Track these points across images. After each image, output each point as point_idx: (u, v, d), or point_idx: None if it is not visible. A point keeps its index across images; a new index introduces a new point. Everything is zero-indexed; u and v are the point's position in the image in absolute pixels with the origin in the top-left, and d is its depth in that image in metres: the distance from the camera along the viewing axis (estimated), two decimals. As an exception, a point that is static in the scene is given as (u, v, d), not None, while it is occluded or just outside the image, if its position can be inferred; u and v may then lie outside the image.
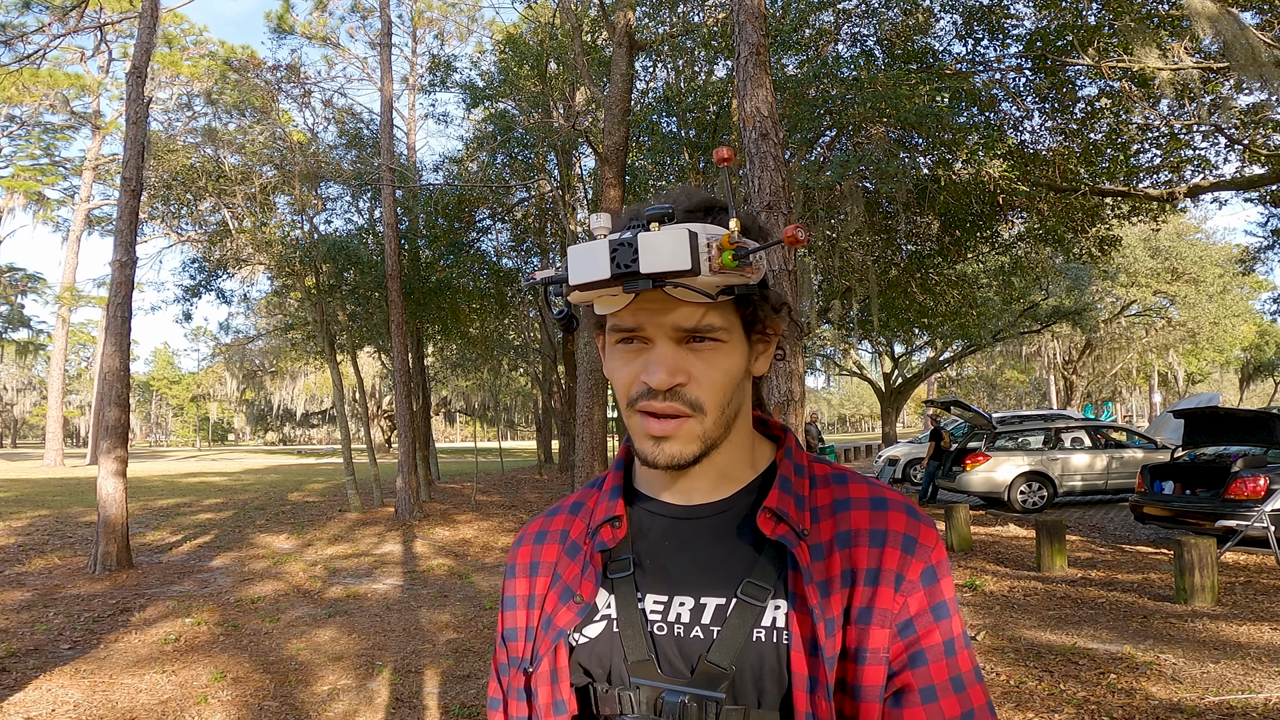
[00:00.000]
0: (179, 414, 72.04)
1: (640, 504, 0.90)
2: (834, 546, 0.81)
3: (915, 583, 0.79)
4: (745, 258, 0.76)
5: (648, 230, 0.74)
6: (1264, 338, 37.39)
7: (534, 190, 15.99)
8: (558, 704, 0.84)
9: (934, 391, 41.74)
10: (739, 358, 0.82)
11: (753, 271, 0.79)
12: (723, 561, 0.83)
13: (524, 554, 0.95)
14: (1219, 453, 9.96)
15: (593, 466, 9.99)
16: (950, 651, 0.78)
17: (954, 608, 0.80)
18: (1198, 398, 16.23)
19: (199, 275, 14.85)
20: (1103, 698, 4.43)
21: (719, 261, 0.74)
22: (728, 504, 0.86)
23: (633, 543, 0.88)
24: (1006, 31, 11.06)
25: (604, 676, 0.83)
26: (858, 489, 0.85)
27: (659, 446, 0.80)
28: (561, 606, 0.86)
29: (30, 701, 4.84)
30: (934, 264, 14.26)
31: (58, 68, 27.51)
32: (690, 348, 0.80)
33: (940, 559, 0.81)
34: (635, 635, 0.82)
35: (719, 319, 0.80)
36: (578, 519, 0.93)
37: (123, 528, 8.86)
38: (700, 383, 0.80)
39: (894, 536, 0.80)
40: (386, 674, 5.38)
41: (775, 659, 0.78)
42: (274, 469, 26.10)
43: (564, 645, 0.85)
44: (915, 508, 0.83)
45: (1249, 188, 12.33)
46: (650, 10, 13.19)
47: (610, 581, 0.86)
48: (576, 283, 0.76)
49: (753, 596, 0.80)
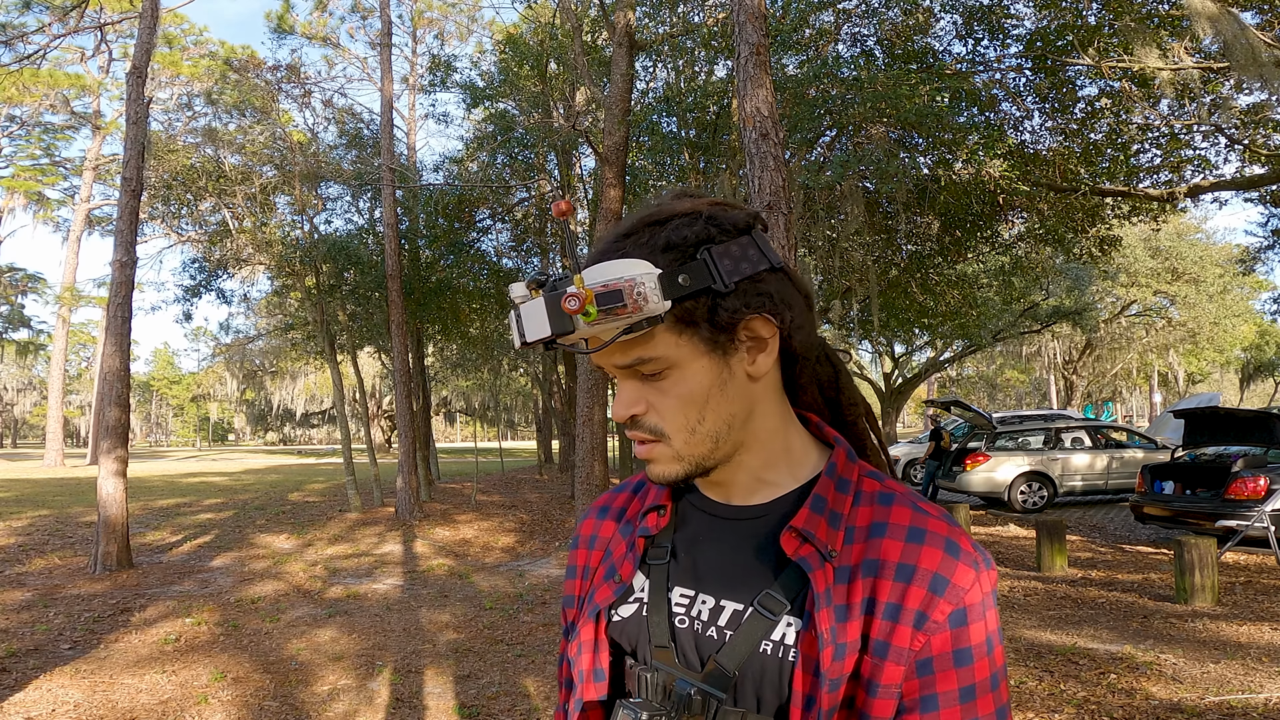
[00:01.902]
0: (179, 414, 72.03)
1: (689, 496, 0.93)
2: (859, 573, 0.79)
3: (941, 624, 0.76)
4: (612, 303, 0.73)
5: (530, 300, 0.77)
6: (1264, 338, 37.37)
7: (534, 190, 15.99)
8: (597, 671, 0.89)
9: (934, 391, 41.75)
10: (697, 376, 0.80)
11: (634, 308, 0.73)
12: (747, 568, 0.84)
13: (587, 526, 1.00)
14: (1219, 453, 9.96)
15: (593, 466, 9.99)
16: (967, 698, 0.75)
17: (983, 651, 0.76)
18: (1198, 398, 16.25)
19: (199, 275, 14.85)
20: (1103, 698, 4.43)
21: (582, 321, 0.73)
22: (764, 510, 0.86)
23: (674, 532, 0.91)
24: (1006, 31, 11.05)
25: (631, 653, 0.88)
26: (899, 515, 0.81)
27: (648, 468, 0.85)
28: (604, 583, 0.91)
29: (30, 701, 4.84)
30: (934, 264, 14.26)
31: (58, 68, 27.47)
32: (643, 380, 0.81)
33: (975, 601, 0.76)
34: (660, 621, 0.86)
35: (648, 351, 0.78)
36: (636, 499, 0.97)
37: (123, 528, 8.86)
38: (657, 410, 0.81)
39: (922, 575, 0.76)
40: (387, 674, 5.38)
41: (777, 673, 0.78)
42: (274, 469, 26.09)
43: (602, 617, 0.90)
44: (958, 543, 0.78)
45: (1249, 188, 12.32)
46: (650, 10, 13.18)
47: (648, 566, 0.89)
48: (516, 345, 0.80)
49: (768, 609, 0.80)
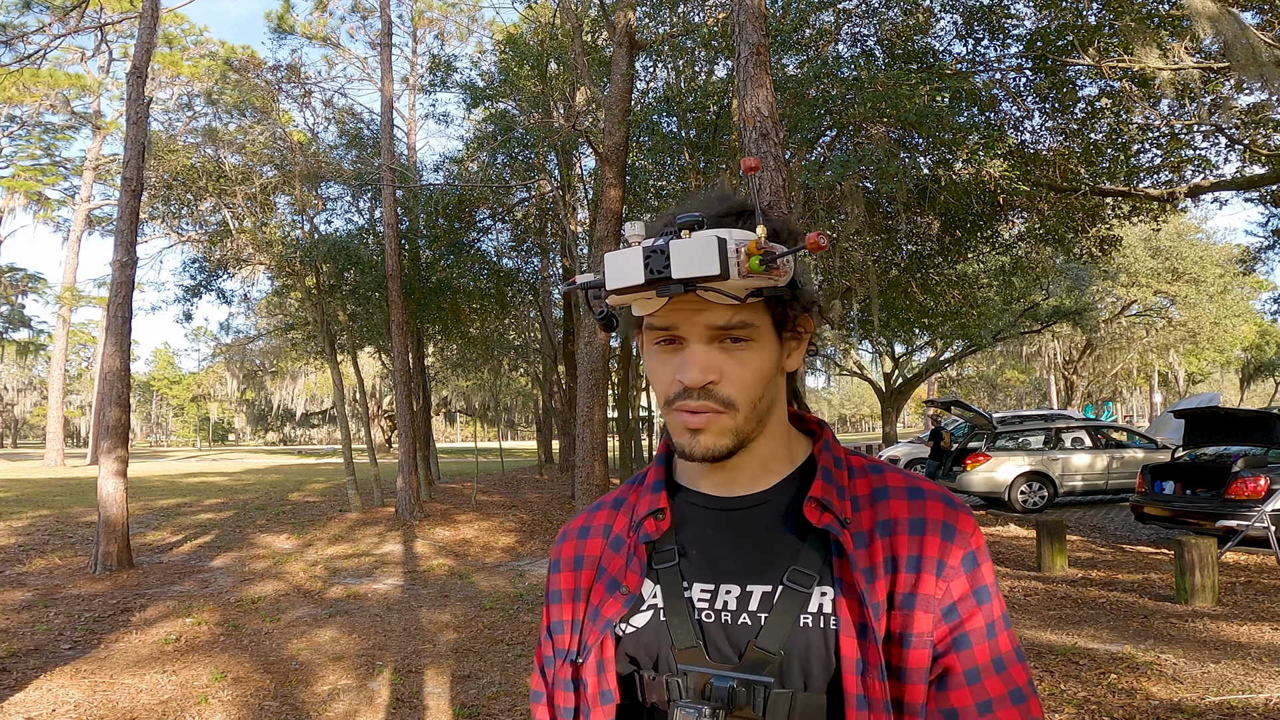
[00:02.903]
0: (179, 414, 72.02)
1: (682, 496, 0.93)
2: (875, 535, 0.84)
3: (957, 568, 0.82)
4: (773, 262, 0.78)
5: (679, 237, 0.77)
6: (1264, 338, 37.33)
7: (534, 190, 15.99)
8: (604, 693, 0.88)
9: (934, 391, 41.70)
10: (770, 355, 0.85)
11: (780, 274, 0.81)
12: (768, 550, 0.86)
13: (568, 549, 0.98)
14: (1219, 453, 9.95)
15: (593, 466, 9.98)
16: (991, 634, 0.81)
17: (994, 591, 0.83)
18: (1198, 398, 16.25)
19: (199, 275, 14.85)
20: (1103, 698, 4.43)
21: (747, 266, 0.77)
22: (769, 495, 0.90)
23: (676, 533, 0.91)
24: (1007, 31, 11.05)
25: (650, 664, 0.87)
26: (895, 479, 0.88)
27: (695, 439, 0.84)
28: (608, 598, 0.90)
29: (31, 701, 4.85)
30: (934, 264, 14.25)
31: (58, 68, 27.46)
32: (722, 347, 0.83)
33: (979, 545, 0.84)
34: (682, 623, 0.85)
35: (749, 318, 0.83)
36: (620, 514, 0.96)
37: (123, 528, 8.86)
38: (732, 380, 0.83)
39: (933, 525, 0.83)
40: (387, 674, 5.38)
41: (823, 644, 0.81)
42: (274, 469, 26.09)
43: (610, 636, 0.88)
44: (951, 497, 0.86)
45: (1249, 188, 12.32)
46: (650, 10, 13.18)
47: (655, 572, 0.89)
48: (613, 288, 0.80)
49: (799, 584, 0.83)
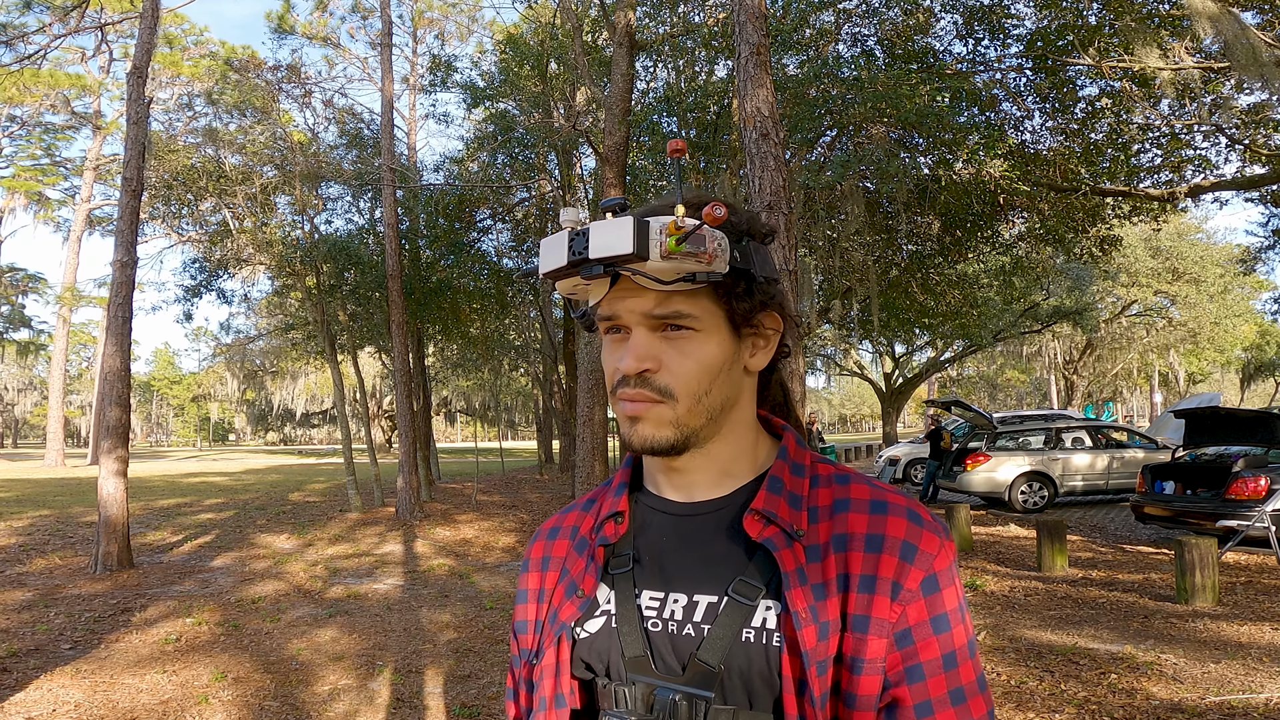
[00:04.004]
0: (180, 414, 71.99)
1: (645, 500, 0.91)
2: (830, 549, 0.79)
3: (915, 592, 0.77)
4: (686, 240, 0.75)
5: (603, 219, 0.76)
6: (1265, 338, 37.30)
7: (534, 190, 15.99)
8: (559, 696, 0.85)
9: (935, 391, 41.70)
10: (717, 348, 0.82)
11: (707, 256, 0.77)
12: (717, 559, 0.83)
13: (537, 549, 0.97)
14: (1220, 453, 9.95)
15: (593, 466, 9.98)
16: (950, 664, 0.77)
17: (958, 618, 0.78)
18: (1198, 398, 16.21)
19: (200, 275, 14.86)
20: (1103, 698, 4.43)
21: (667, 246, 0.75)
22: (726, 501, 0.86)
23: (635, 538, 0.88)
24: (1007, 31, 11.05)
25: (604, 671, 0.84)
26: (859, 490, 0.83)
27: (633, 428, 0.82)
28: (566, 601, 0.88)
29: (31, 701, 4.85)
30: (934, 264, 14.26)
31: (59, 68, 27.47)
32: (664, 336, 0.81)
33: (943, 567, 0.78)
34: (632, 631, 0.83)
35: (689, 307, 0.80)
36: (588, 515, 0.94)
37: (124, 528, 8.86)
38: (671, 370, 0.81)
39: (891, 543, 0.78)
40: (387, 674, 5.38)
41: (764, 660, 0.77)
42: (275, 469, 26.09)
43: (566, 638, 0.86)
44: (919, 512, 0.81)
45: (1250, 188, 12.32)
46: (651, 10, 13.19)
47: (611, 577, 0.87)
48: (544, 270, 0.80)
49: (744, 595, 0.79)
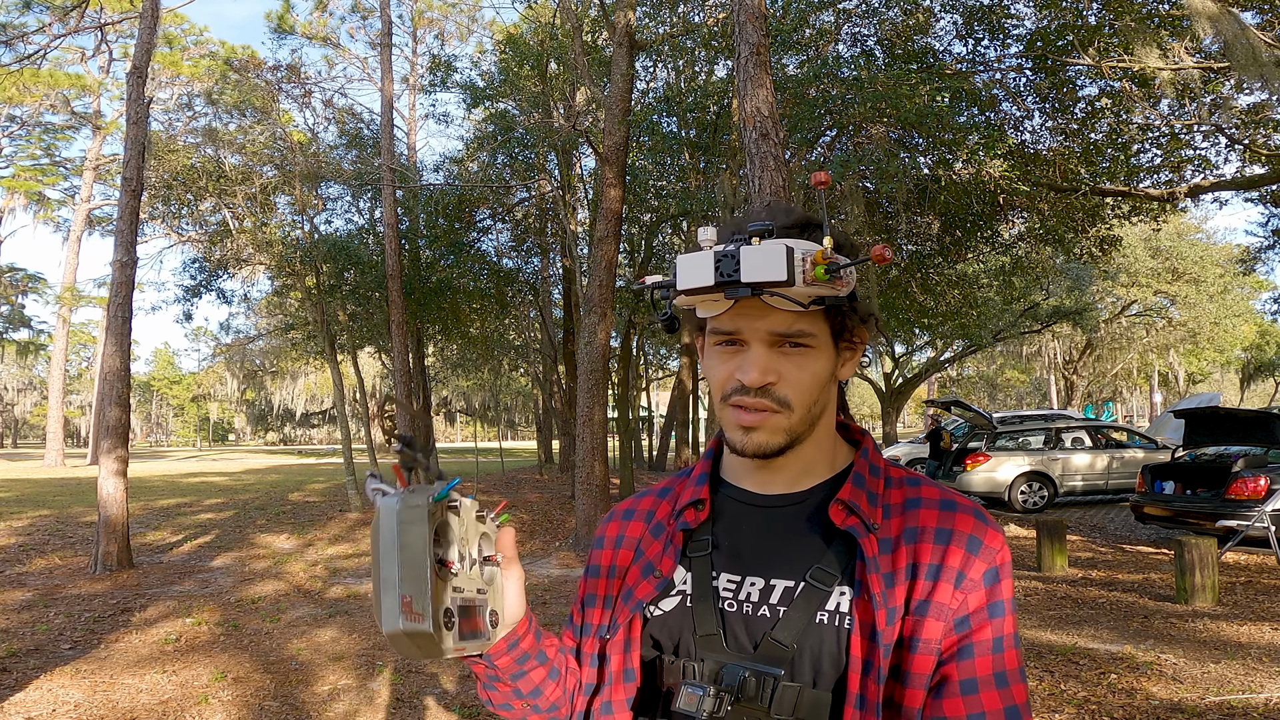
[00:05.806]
0: (179, 414, 71.96)
1: (724, 491, 0.97)
2: (901, 541, 0.86)
3: (977, 581, 0.83)
4: (837, 272, 0.82)
5: (749, 244, 0.81)
6: (1264, 338, 37.30)
7: (534, 190, 15.98)
8: (628, 671, 0.92)
9: (934, 391, 41.70)
10: (826, 362, 0.89)
11: (842, 284, 0.84)
12: (795, 548, 0.90)
13: (611, 529, 1.03)
14: (1219, 453, 9.95)
15: (593, 466, 10.00)
16: (998, 648, 0.82)
17: (1009, 608, 0.85)
18: (1198, 398, 16.24)
19: (199, 275, 14.87)
20: (1103, 698, 4.43)
21: (812, 275, 0.81)
22: (804, 496, 0.93)
23: (713, 525, 0.95)
24: (1007, 31, 11.05)
25: (672, 648, 0.90)
26: (929, 491, 0.91)
27: (748, 436, 0.87)
28: (642, 580, 0.94)
29: (31, 701, 4.85)
30: (934, 264, 14.25)
31: (58, 68, 27.46)
32: (782, 351, 0.87)
33: (1004, 562, 0.85)
34: (706, 610, 0.89)
35: (810, 326, 0.86)
36: (664, 502, 1.01)
37: (123, 528, 8.86)
38: (789, 382, 0.87)
39: (960, 536, 0.85)
40: (387, 674, 5.38)
41: (835, 641, 0.83)
42: (275, 469, 26.08)
43: (639, 617, 0.92)
44: (983, 512, 0.88)
45: (1249, 188, 12.32)
46: (650, 10, 13.19)
47: (689, 560, 0.93)
48: (684, 288, 0.84)
49: (820, 581, 0.86)
